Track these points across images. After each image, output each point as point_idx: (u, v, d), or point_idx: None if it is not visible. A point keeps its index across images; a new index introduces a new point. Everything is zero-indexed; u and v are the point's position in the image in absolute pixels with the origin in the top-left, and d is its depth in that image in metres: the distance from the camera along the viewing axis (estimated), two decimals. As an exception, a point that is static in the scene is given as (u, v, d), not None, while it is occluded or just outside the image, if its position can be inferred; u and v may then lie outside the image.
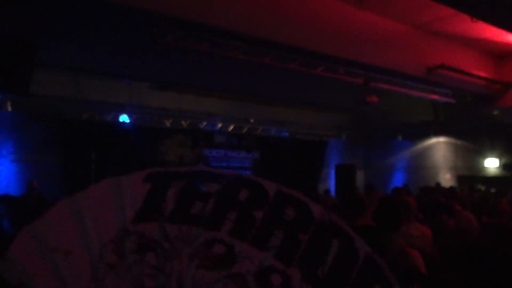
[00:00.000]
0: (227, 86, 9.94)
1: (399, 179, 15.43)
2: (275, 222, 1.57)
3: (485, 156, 13.83)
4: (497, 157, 13.61)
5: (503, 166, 13.47)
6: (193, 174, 1.64)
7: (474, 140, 14.03)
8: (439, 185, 12.30)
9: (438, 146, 15.17)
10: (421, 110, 13.29)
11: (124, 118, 12.25)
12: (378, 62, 8.28)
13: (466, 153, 14.33)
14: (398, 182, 14.40)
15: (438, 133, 14.92)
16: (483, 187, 12.28)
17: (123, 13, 5.95)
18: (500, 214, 6.20)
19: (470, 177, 13.90)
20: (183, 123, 13.79)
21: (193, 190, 1.60)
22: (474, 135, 13.94)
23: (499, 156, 13.57)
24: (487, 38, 8.87)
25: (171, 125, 13.64)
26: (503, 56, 10.09)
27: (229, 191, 1.61)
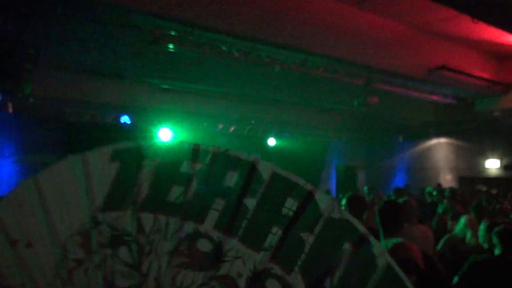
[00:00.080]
0: (228, 87, 9.94)
1: (400, 180, 15.41)
2: (272, 215, 1.29)
3: (486, 157, 13.81)
4: (498, 158, 13.58)
5: (504, 167, 13.44)
6: (169, 151, 1.34)
7: (475, 141, 14.01)
8: (440, 186, 12.30)
9: (439, 147, 15.15)
10: (422, 111, 13.28)
11: (125, 119, 12.26)
12: (379, 63, 8.28)
13: (467, 154, 14.31)
14: (399, 183, 14.37)
15: (439, 134, 14.91)
16: (484, 188, 12.26)
17: (124, 14, 5.95)
18: (501, 215, 6.21)
19: (471, 178, 13.89)
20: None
21: (169, 171, 1.31)
22: (475, 136, 13.92)
23: (500, 157, 13.54)
24: (488, 39, 8.86)
25: (172, 126, 13.63)
26: (504, 57, 10.07)
27: (214, 173, 1.32)
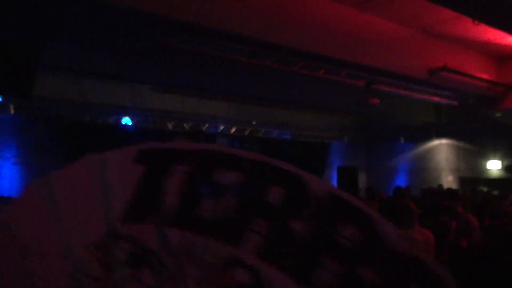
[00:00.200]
0: (229, 89, 9.94)
1: (401, 181, 15.39)
2: (325, 243, 1.03)
3: (487, 158, 13.80)
4: (499, 159, 13.57)
5: (506, 168, 13.43)
6: (203, 156, 1.14)
7: (477, 142, 13.99)
8: (441, 187, 12.28)
9: (441, 148, 15.13)
10: (423, 112, 13.27)
11: (126, 120, 12.27)
12: (380, 64, 8.28)
13: (468, 155, 14.29)
14: (400, 184, 14.35)
15: (440, 135, 14.89)
16: (486, 189, 12.25)
17: (126, 15, 5.96)
18: (503, 216, 6.19)
19: (473, 179, 13.87)
20: (185, 126, 13.80)
21: (202, 180, 1.11)
22: (476, 137, 13.91)
23: (502, 158, 13.53)
24: (489, 40, 8.85)
25: (173, 127, 13.65)
26: (505, 58, 10.06)
27: (254, 186, 1.09)
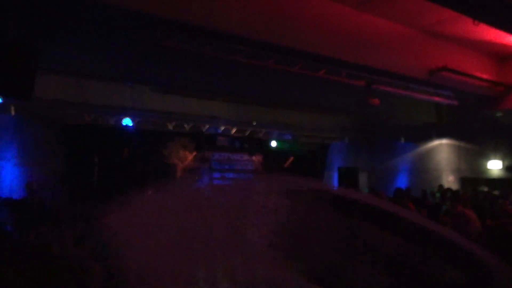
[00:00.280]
0: (230, 89, 9.94)
1: (402, 181, 15.38)
2: None
3: (488, 158, 13.79)
4: (500, 159, 13.56)
5: (507, 168, 13.42)
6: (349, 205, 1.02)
7: (477, 142, 13.98)
8: (442, 187, 12.29)
9: (441, 148, 15.12)
10: (423, 112, 13.26)
11: (127, 121, 12.28)
12: (380, 64, 8.27)
13: (469, 155, 14.28)
14: (401, 184, 14.34)
15: (441, 135, 14.89)
16: (486, 189, 12.25)
17: (126, 16, 5.97)
18: (504, 216, 6.19)
19: (474, 179, 13.86)
20: (186, 126, 13.81)
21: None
22: (477, 137, 13.90)
23: (502, 158, 13.52)
24: (489, 40, 8.85)
25: (174, 128, 13.66)
26: (506, 58, 10.06)
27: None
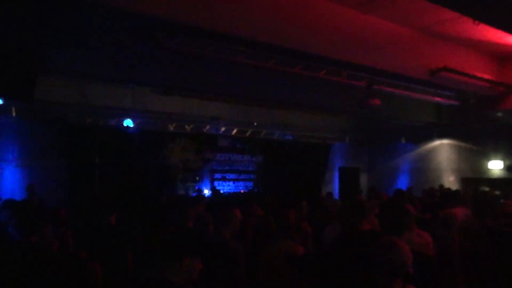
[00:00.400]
0: (231, 90, 9.95)
1: (403, 182, 15.39)
2: None
3: (489, 158, 13.79)
4: (501, 159, 13.56)
5: (507, 168, 13.42)
6: None
7: (478, 142, 13.99)
8: (442, 187, 12.29)
9: (442, 148, 15.14)
10: (424, 112, 13.26)
11: (128, 122, 12.30)
12: (381, 65, 8.27)
13: (470, 155, 14.29)
14: (402, 185, 14.37)
15: (441, 135, 14.90)
16: (487, 189, 12.24)
17: (127, 18, 5.97)
18: (504, 217, 6.19)
19: (474, 179, 13.87)
20: (187, 127, 13.83)
21: None
22: (478, 137, 13.91)
23: (503, 158, 13.52)
24: (490, 40, 8.85)
25: (175, 129, 13.68)
26: (506, 58, 10.06)
27: None
